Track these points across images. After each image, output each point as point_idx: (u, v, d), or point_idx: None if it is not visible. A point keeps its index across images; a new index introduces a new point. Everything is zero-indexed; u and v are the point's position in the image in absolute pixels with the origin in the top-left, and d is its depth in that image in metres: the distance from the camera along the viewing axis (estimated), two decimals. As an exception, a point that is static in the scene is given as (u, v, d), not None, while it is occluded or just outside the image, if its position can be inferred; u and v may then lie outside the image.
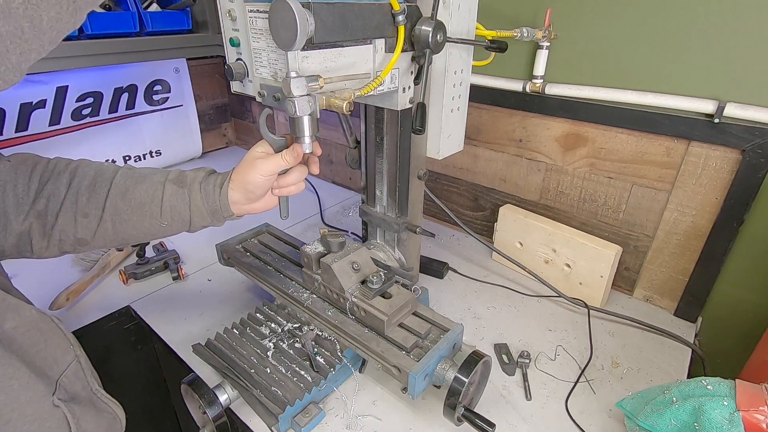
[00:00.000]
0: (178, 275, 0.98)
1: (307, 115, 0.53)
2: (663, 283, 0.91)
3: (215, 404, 0.62)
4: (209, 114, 1.73)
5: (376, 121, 0.77)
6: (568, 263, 0.93)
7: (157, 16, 1.21)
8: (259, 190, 0.60)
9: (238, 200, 0.61)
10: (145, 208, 0.59)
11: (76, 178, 0.58)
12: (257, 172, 0.58)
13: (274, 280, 0.80)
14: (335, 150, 1.46)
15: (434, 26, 0.59)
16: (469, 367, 0.59)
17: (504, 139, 1.04)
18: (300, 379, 0.67)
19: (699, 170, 0.80)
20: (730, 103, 0.72)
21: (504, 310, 0.91)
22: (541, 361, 0.78)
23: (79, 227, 0.57)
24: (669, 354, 0.81)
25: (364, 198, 0.88)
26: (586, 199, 0.95)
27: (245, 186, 0.60)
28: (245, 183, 0.59)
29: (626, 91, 0.82)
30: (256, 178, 0.59)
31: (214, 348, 0.74)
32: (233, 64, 0.59)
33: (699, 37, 0.74)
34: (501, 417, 0.68)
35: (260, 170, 0.58)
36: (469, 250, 1.12)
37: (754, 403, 0.52)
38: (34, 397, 0.45)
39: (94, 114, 1.32)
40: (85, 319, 0.86)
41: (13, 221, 0.54)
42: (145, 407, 1.01)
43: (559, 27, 0.86)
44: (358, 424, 0.66)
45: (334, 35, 0.52)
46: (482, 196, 1.14)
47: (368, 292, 0.67)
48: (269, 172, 0.59)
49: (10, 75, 0.33)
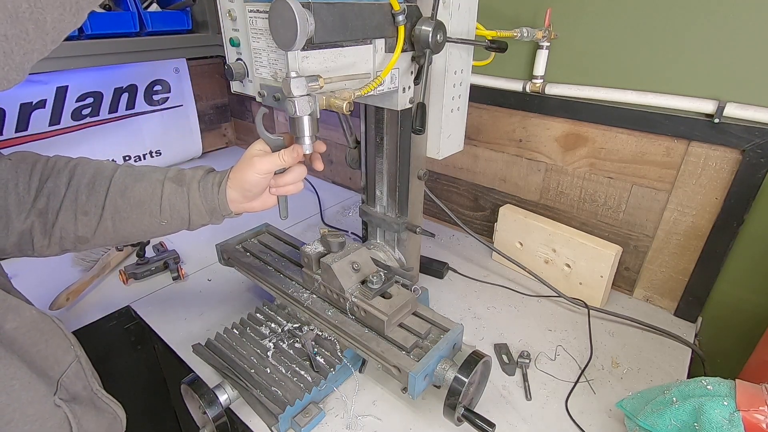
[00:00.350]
0: (178, 275, 0.98)
1: (307, 115, 0.53)
2: (663, 283, 0.91)
3: (215, 404, 0.62)
4: (209, 114, 1.73)
5: (376, 121, 0.77)
6: (568, 263, 0.93)
7: (157, 16, 1.21)
8: (256, 189, 0.60)
9: (236, 198, 0.61)
10: (145, 206, 0.59)
11: (75, 176, 0.58)
12: (253, 170, 0.58)
13: (274, 280, 0.80)
14: (335, 150, 1.46)
15: (434, 26, 0.59)
16: (469, 367, 0.59)
17: (504, 139, 1.04)
18: (300, 379, 0.67)
19: (699, 170, 0.80)
20: (730, 103, 0.72)
21: (504, 310, 0.91)
22: (541, 361, 0.78)
23: (79, 225, 0.57)
24: (669, 354, 0.81)
25: (364, 198, 0.88)
26: (586, 199, 0.95)
27: (242, 184, 0.60)
28: (241, 181, 0.59)
29: (626, 91, 0.82)
30: (252, 177, 0.59)
31: (214, 348, 0.74)
32: (233, 64, 0.59)
33: (699, 37, 0.74)
34: (501, 417, 0.68)
35: (256, 168, 0.58)
36: (469, 250, 1.12)
37: (754, 403, 0.52)
38: (36, 398, 0.45)
39: (94, 114, 1.32)
40: (85, 319, 0.86)
41: (15, 220, 0.54)
42: (145, 407, 1.01)
43: (559, 27, 0.86)
44: (358, 424, 0.66)
45: (334, 35, 0.52)
46: (482, 196, 1.14)
47: (368, 292, 0.67)
48: (265, 170, 0.59)
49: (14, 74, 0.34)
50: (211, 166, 0.64)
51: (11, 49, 0.32)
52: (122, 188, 0.59)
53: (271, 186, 0.62)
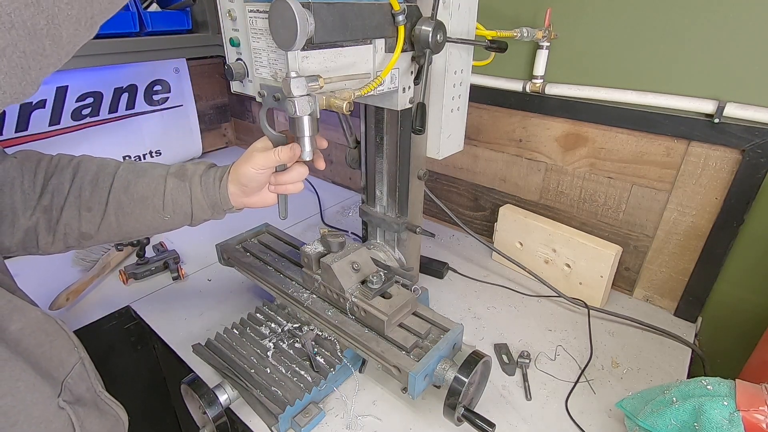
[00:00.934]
0: (178, 275, 0.98)
1: (307, 115, 0.53)
2: (663, 283, 0.91)
3: (215, 404, 0.62)
4: (209, 114, 1.73)
5: (376, 121, 0.77)
6: (568, 263, 0.93)
7: (157, 16, 1.21)
8: (253, 184, 0.61)
9: (235, 192, 0.62)
10: (148, 201, 0.60)
11: (79, 172, 0.59)
12: (250, 165, 0.59)
13: (274, 280, 0.80)
14: (335, 150, 1.46)
15: (434, 26, 0.59)
16: (469, 367, 0.59)
17: (504, 139, 1.03)
18: (300, 379, 0.67)
19: (699, 170, 0.80)
20: (730, 103, 0.72)
21: (504, 310, 0.91)
22: (541, 361, 0.78)
23: (83, 221, 0.58)
24: (669, 354, 0.81)
25: (364, 198, 0.88)
26: (586, 199, 0.95)
27: (239, 178, 0.60)
28: (239, 175, 0.60)
29: (626, 91, 0.82)
30: (248, 171, 0.59)
31: (214, 348, 0.74)
32: (233, 64, 0.59)
33: (699, 37, 0.74)
34: (501, 417, 0.68)
35: (253, 163, 0.59)
36: (469, 250, 1.12)
37: (754, 403, 0.52)
38: (40, 399, 0.45)
39: (94, 114, 1.32)
40: (85, 319, 0.86)
41: (21, 217, 0.55)
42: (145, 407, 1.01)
43: (559, 27, 0.86)
44: (358, 424, 0.66)
45: (334, 35, 0.52)
46: (482, 196, 1.13)
47: (368, 292, 0.67)
48: (262, 166, 0.59)
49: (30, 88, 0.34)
50: (212, 162, 0.65)
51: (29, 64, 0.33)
52: (125, 184, 0.59)
53: (270, 183, 0.63)
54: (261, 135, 0.62)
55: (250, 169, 0.59)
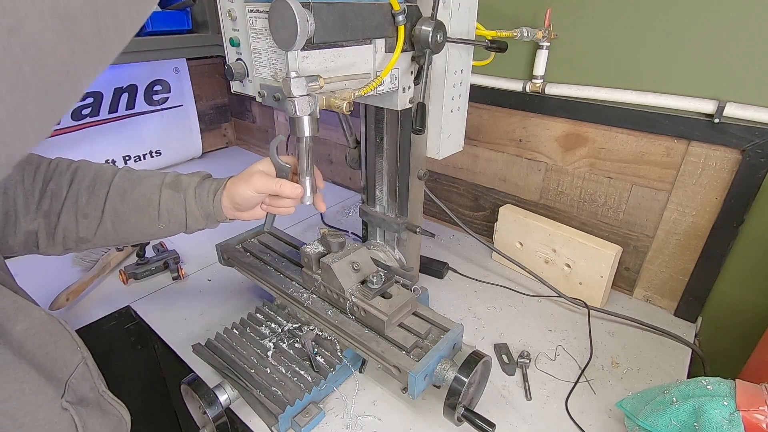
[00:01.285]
0: (178, 275, 0.98)
1: (307, 115, 0.53)
2: (663, 283, 0.91)
3: (215, 404, 0.62)
4: (209, 114, 1.73)
5: (376, 121, 0.77)
6: (568, 263, 0.93)
7: (157, 16, 1.20)
8: (246, 204, 0.62)
9: (228, 206, 0.63)
10: (143, 210, 0.61)
11: (76, 178, 0.59)
12: (249, 187, 0.60)
13: (274, 280, 0.80)
14: (335, 150, 1.45)
15: (434, 26, 0.59)
16: (469, 367, 0.59)
17: (504, 139, 1.03)
18: (300, 379, 0.67)
19: (699, 170, 0.80)
20: (730, 103, 0.72)
21: (504, 310, 0.91)
22: (541, 361, 0.78)
23: (80, 227, 0.59)
24: (669, 354, 0.81)
25: (364, 198, 0.88)
26: (586, 199, 0.95)
27: (234, 197, 0.62)
28: (234, 194, 0.61)
29: (626, 91, 0.82)
30: (246, 191, 0.60)
31: (214, 348, 0.74)
32: (233, 64, 0.59)
33: (699, 37, 0.74)
34: (501, 417, 0.68)
35: (253, 185, 0.60)
36: (469, 250, 1.12)
37: (754, 403, 0.52)
38: (44, 401, 0.45)
39: (93, 114, 1.32)
40: (85, 319, 0.86)
41: (23, 219, 0.55)
42: (145, 407, 1.01)
43: (559, 27, 0.86)
44: (358, 424, 0.66)
45: (334, 35, 0.52)
46: (482, 196, 1.13)
47: (368, 292, 0.67)
48: (261, 189, 0.60)
49: None
50: (207, 172, 0.66)
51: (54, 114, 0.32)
52: (121, 192, 0.60)
53: (264, 202, 0.65)
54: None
55: (248, 191, 0.60)
